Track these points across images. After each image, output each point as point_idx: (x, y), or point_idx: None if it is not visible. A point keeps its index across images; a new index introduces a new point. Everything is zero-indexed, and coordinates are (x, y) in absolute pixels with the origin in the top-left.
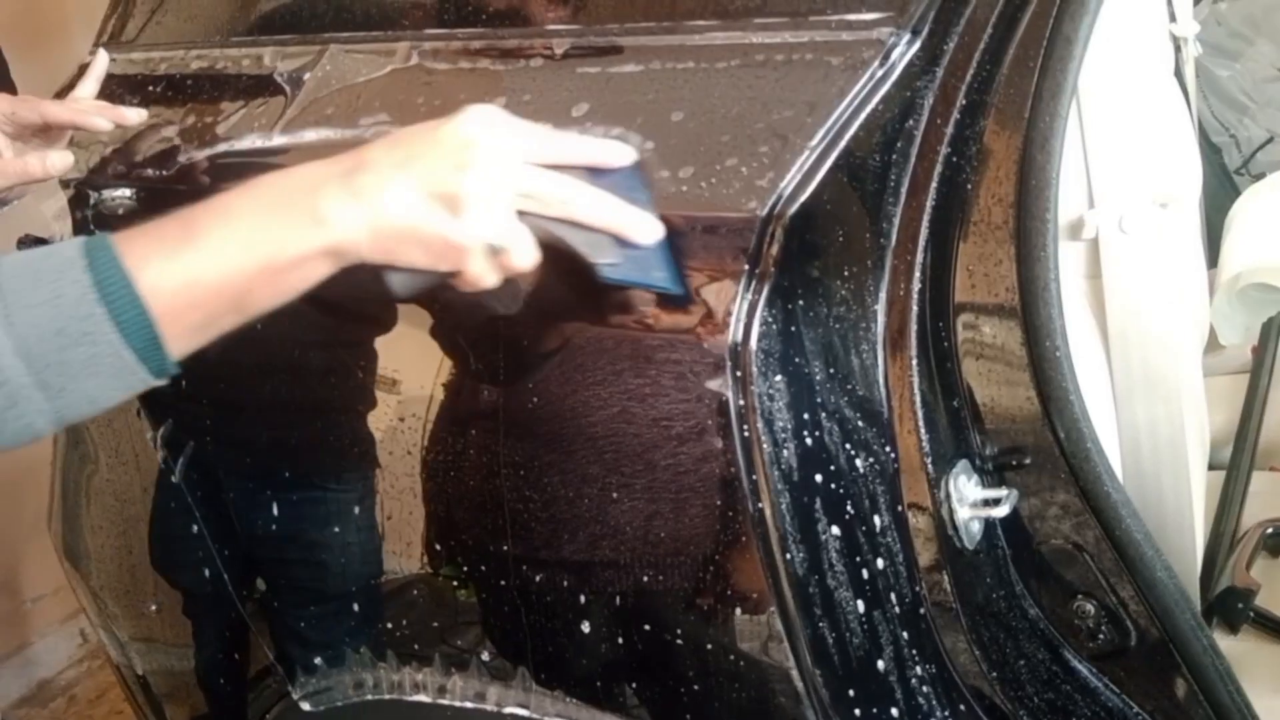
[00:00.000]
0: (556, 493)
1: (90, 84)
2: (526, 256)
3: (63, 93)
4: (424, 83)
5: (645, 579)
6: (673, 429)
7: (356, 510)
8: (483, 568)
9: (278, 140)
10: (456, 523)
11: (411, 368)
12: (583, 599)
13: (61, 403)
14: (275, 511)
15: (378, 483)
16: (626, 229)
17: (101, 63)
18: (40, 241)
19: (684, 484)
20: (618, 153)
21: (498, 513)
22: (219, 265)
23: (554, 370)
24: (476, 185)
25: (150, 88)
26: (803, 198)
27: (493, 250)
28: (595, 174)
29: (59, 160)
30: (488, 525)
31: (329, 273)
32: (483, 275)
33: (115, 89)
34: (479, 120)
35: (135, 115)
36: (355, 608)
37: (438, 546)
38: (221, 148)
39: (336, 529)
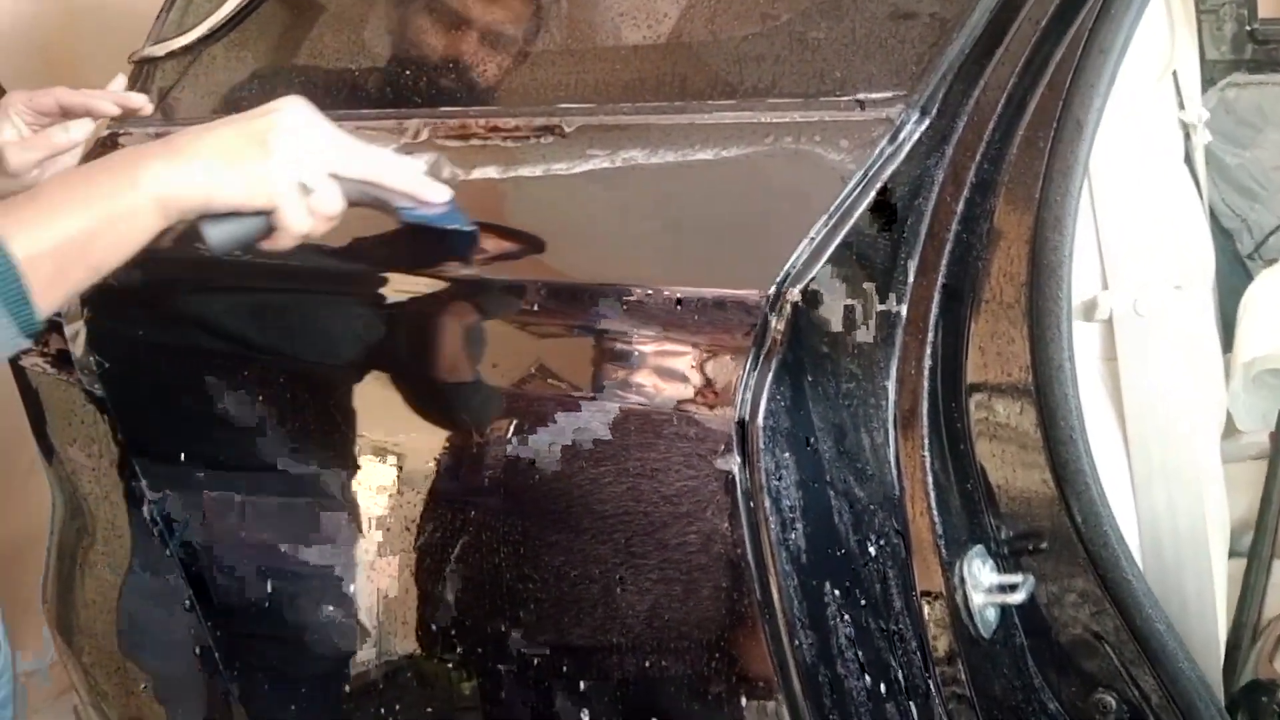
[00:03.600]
0: (557, 572)
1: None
2: (334, 203)
3: None
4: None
5: (647, 664)
6: (678, 507)
7: (351, 591)
8: (480, 651)
9: None
10: (453, 604)
11: (411, 440)
12: (583, 685)
13: None
14: (269, 589)
15: (374, 562)
16: (421, 192)
17: (118, 82)
18: None
19: (688, 564)
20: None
21: (496, 593)
22: (62, 214)
23: (558, 445)
24: (286, 132)
25: None
26: (811, 274)
27: (303, 189)
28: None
29: (78, 129)
30: (485, 606)
31: (164, 222)
32: (296, 217)
33: None
34: (292, 100)
35: (140, 100)
36: (346, 690)
37: (433, 628)
38: None
39: (330, 609)
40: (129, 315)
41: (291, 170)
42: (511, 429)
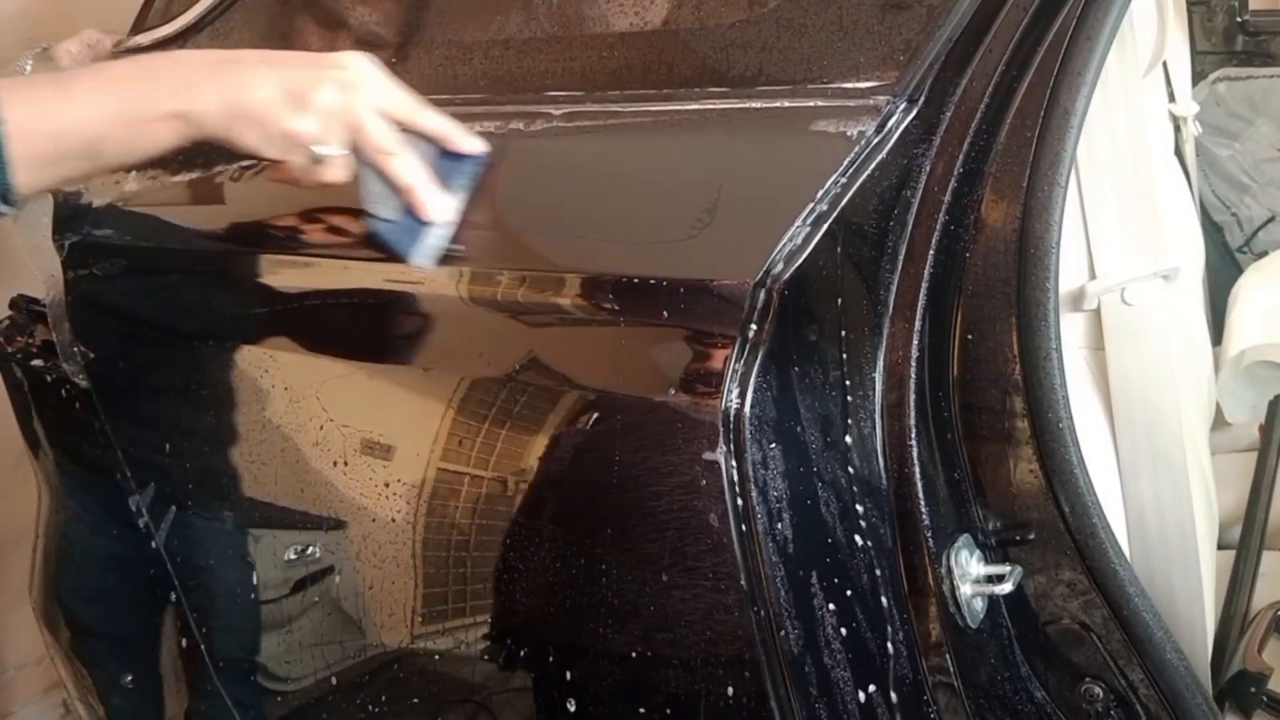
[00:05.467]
0: (544, 562)
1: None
2: (339, 174)
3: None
4: None
5: (634, 654)
6: (665, 498)
7: (338, 583)
8: (465, 642)
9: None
10: (440, 595)
11: (397, 431)
12: (569, 675)
13: None
14: (255, 581)
15: (362, 554)
16: (418, 200)
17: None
18: (34, 302)
19: (675, 554)
20: (467, 140)
21: (481, 584)
22: (78, 106)
23: (543, 436)
24: (325, 99)
25: None
26: (797, 263)
27: (315, 158)
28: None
29: None
30: (471, 597)
31: (177, 140)
32: (299, 173)
33: None
34: (356, 58)
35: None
36: (332, 682)
37: (419, 619)
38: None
39: (317, 601)
40: (116, 305)
41: (313, 138)
42: (497, 419)
